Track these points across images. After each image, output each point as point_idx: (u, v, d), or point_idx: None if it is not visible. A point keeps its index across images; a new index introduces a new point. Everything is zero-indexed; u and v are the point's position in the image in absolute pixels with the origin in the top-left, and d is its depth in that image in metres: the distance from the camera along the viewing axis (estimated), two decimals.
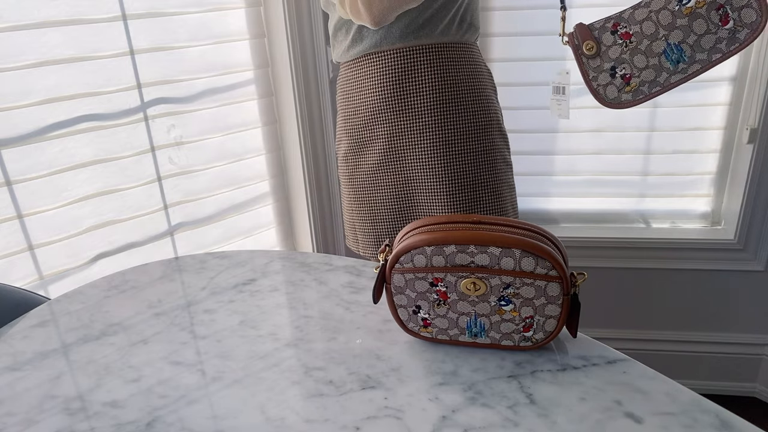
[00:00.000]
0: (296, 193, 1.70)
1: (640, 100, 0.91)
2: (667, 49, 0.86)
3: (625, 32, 0.89)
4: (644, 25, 0.87)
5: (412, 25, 1.07)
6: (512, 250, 0.64)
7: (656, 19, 0.86)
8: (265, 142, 1.64)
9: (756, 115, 1.62)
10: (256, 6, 1.52)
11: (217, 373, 0.69)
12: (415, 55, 1.09)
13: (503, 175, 1.20)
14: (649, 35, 0.87)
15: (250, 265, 0.98)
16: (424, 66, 1.09)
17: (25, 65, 1.18)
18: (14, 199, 1.22)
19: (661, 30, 0.86)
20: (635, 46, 0.88)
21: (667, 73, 0.88)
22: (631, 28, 0.88)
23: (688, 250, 1.79)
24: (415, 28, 1.07)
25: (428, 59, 1.09)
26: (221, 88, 1.50)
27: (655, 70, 0.88)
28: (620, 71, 0.90)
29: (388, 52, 1.09)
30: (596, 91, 0.92)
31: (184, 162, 1.48)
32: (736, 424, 0.57)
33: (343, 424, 0.60)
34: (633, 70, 0.89)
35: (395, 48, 1.08)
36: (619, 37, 0.89)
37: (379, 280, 0.70)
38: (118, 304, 0.87)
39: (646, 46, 0.88)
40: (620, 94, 0.91)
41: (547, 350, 0.70)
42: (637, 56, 0.89)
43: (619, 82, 0.90)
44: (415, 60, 1.09)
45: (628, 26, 0.88)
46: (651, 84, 0.89)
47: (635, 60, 0.89)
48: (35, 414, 0.64)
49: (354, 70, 1.14)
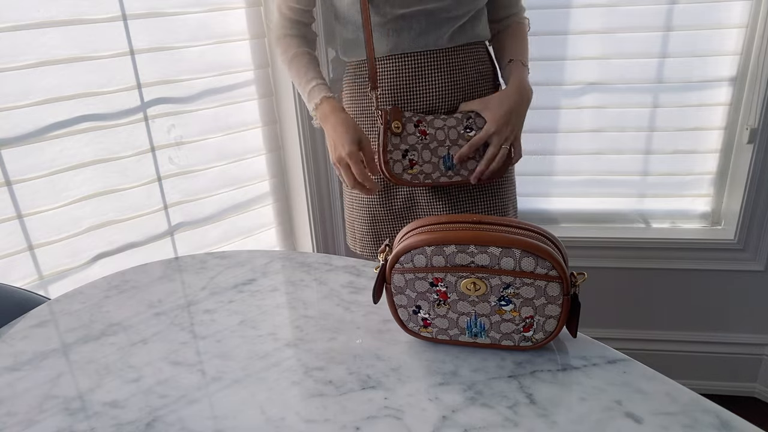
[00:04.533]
0: (296, 193, 1.70)
1: (415, 183, 1.10)
2: (445, 156, 1.10)
3: (424, 130, 1.09)
4: (438, 132, 1.09)
5: (436, 26, 1.08)
6: (512, 250, 0.64)
7: (447, 132, 1.09)
8: (265, 142, 1.64)
9: (756, 115, 1.62)
10: (256, 6, 1.52)
11: (217, 373, 0.69)
12: (433, 56, 1.10)
13: (509, 173, 1.21)
14: (439, 140, 1.09)
15: (250, 265, 0.98)
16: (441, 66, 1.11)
17: (25, 65, 1.18)
18: (14, 199, 1.22)
19: (448, 141, 1.09)
20: (427, 143, 1.09)
21: (440, 173, 1.10)
22: (429, 129, 1.09)
23: (688, 250, 1.79)
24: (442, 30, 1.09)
25: (444, 60, 1.11)
26: (221, 88, 1.50)
27: (433, 166, 1.10)
28: (410, 155, 1.09)
29: (404, 56, 1.10)
30: (387, 162, 1.08)
31: (184, 162, 1.48)
32: (736, 424, 0.57)
33: (343, 424, 0.60)
34: (419, 159, 1.09)
35: (413, 52, 1.10)
36: (419, 132, 1.09)
37: (379, 280, 0.70)
38: (118, 304, 0.87)
39: (434, 147, 1.09)
40: (403, 172, 1.10)
41: (547, 350, 0.70)
42: (425, 151, 1.09)
43: (406, 163, 1.09)
44: (432, 61, 1.10)
45: (427, 126, 1.09)
46: (426, 176, 1.10)
47: (423, 153, 1.09)
48: (35, 414, 0.64)
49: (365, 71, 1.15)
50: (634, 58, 1.66)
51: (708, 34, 1.62)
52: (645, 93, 1.71)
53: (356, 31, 1.12)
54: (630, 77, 1.69)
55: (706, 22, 1.61)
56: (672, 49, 1.65)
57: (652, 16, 1.63)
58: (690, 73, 1.67)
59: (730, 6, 1.59)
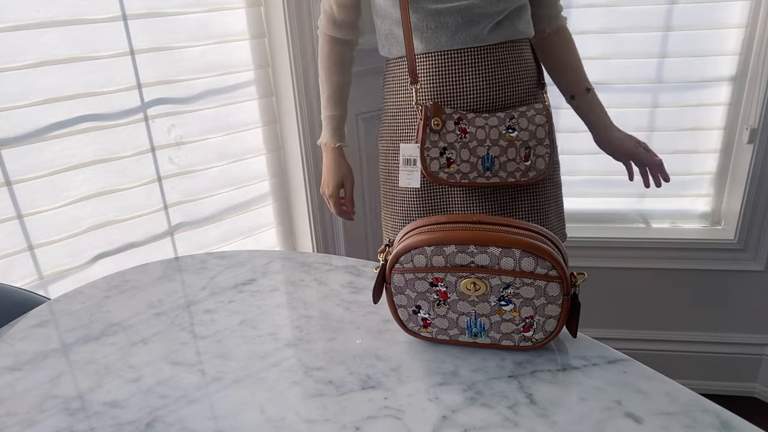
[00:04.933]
0: (296, 193, 1.70)
1: (450, 182, 1.09)
2: (485, 156, 1.07)
3: (464, 128, 1.07)
4: (478, 131, 1.06)
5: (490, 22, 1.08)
6: (512, 250, 0.64)
7: (487, 132, 1.06)
8: (265, 142, 1.64)
9: (756, 115, 1.62)
10: (256, 6, 1.51)
11: (217, 373, 0.69)
12: (471, 53, 1.09)
13: (554, 173, 1.21)
14: (479, 139, 1.06)
15: (250, 265, 0.98)
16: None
17: (25, 65, 1.18)
18: (14, 199, 1.22)
19: (488, 141, 1.06)
20: (466, 142, 1.06)
21: (477, 174, 1.08)
22: (469, 127, 1.06)
23: (688, 250, 1.79)
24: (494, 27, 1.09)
25: (483, 57, 1.10)
26: (221, 89, 1.50)
27: (470, 166, 1.07)
28: (448, 154, 1.07)
29: (442, 53, 1.09)
30: (424, 158, 1.07)
31: (184, 162, 1.48)
32: (736, 424, 0.57)
33: (343, 424, 0.60)
34: (457, 158, 1.07)
35: (451, 49, 1.09)
36: (458, 129, 1.07)
37: (379, 280, 0.70)
38: (118, 304, 0.87)
39: (473, 146, 1.06)
40: (440, 170, 1.08)
41: (547, 350, 0.70)
42: (464, 150, 1.07)
43: (443, 161, 1.07)
44: (470, 58, 1.10)
45: (468, 125, 1.06)
46: (463, 175, 1.08)
47: (462, 152, 1.07)
48: (35, 414, 0.64)
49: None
50: (634, 58, 1.66)
51: (708, 34, 1.62)
52: (645, 93, 1.71)
53: (392, 26, 1.11)
54: (630, 77, 1.69)
55: (706, 22, 1.61)
56: (672, 49, 1.65)
57: (652, 16, 1.63)
58: (690, 72, 1.67)
59: (730, 6, 1.59)
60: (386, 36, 1.15)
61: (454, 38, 1.08)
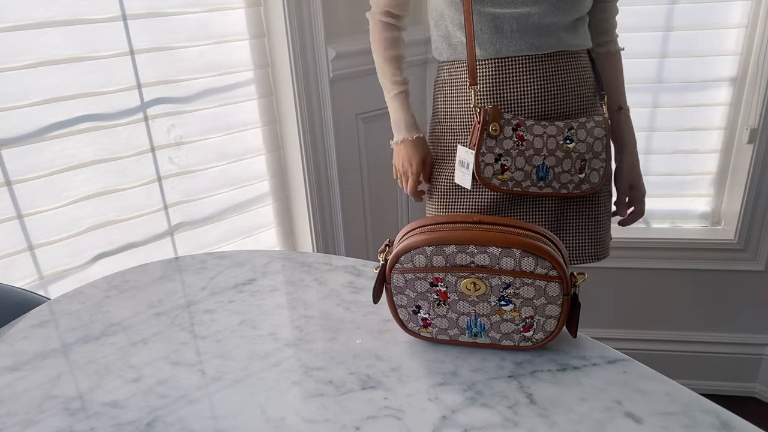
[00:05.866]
0: (296, 193, 1.70)
1: (503, 189, 1.07)
2: (540, 166, 1.05)
3: (522, 135, 1.05)
4: (536, 139, 1.05)
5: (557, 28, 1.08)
6: (512, 250, 0.64)
7: (545, 141, 1.05)
8: (265, 142, 1.64)
9: (756, 115, 1.62)
10: (256, 6, 1.51)
11: (217, 373, 0.69)
12: (527, 61, 1.08)
13: (608, 183, 1.19)
14: (535, 148, 1.05)
15: (250, 265, 0.98)
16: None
17: (25, 65, 1.18)
18: (14, 199, 1.22)
19: (545, 150, 1.05)
20: (522, 150, 1.05)
21: (530, 183, 1.07)
22: (527, 135, 1.05)
23: (688, 250, 1.79)
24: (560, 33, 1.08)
25: (539, 65, 1.09)
26: (221, 88, 1.50)
27: (524, 174, 1.06)
28: (503, 161, 1.05)
29: (499, 60, 1.08)
30: (478, 164, 1.05)
31: (184, 162, 1.48)
32: (736, 424, 0.57)
33: (343, 424, 0.60)
34: (512, 165, 1.05)
35: (508, 57, 1.08)
36: (516, 136, 1.05)
37: (379, 280, 0.70)
38: (118, 304, 0.87)
39: (529, 155, 1.05)
40: (493, 177, 1.06)
41: (547, 350, 0.70)
42: (519, 158, 1.05)
43: (497, 168, 1.06)
44: (526, 66, 1.08)
45: (525, 132, 1.05)
46: (515, 183, 1.06)
47: (517, 160, 1.05)
48: (35, 414, 0.64)
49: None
50: (634, 58, 1.66)
51: (708, 34, 1.62)
52: (645, 93, 1.71)
53: (449, 27, 1.10)
54: (630, 77, 1.69)
55: (706, 22, 1.61)
56: (672, 49, 1.65)
57: (652, 16, 1.63)
58: (690, 73, 1.67)
59: (730, 6, 1.59)
60: (443, 37, 1.13)
61: (509, 45, 1.06)
